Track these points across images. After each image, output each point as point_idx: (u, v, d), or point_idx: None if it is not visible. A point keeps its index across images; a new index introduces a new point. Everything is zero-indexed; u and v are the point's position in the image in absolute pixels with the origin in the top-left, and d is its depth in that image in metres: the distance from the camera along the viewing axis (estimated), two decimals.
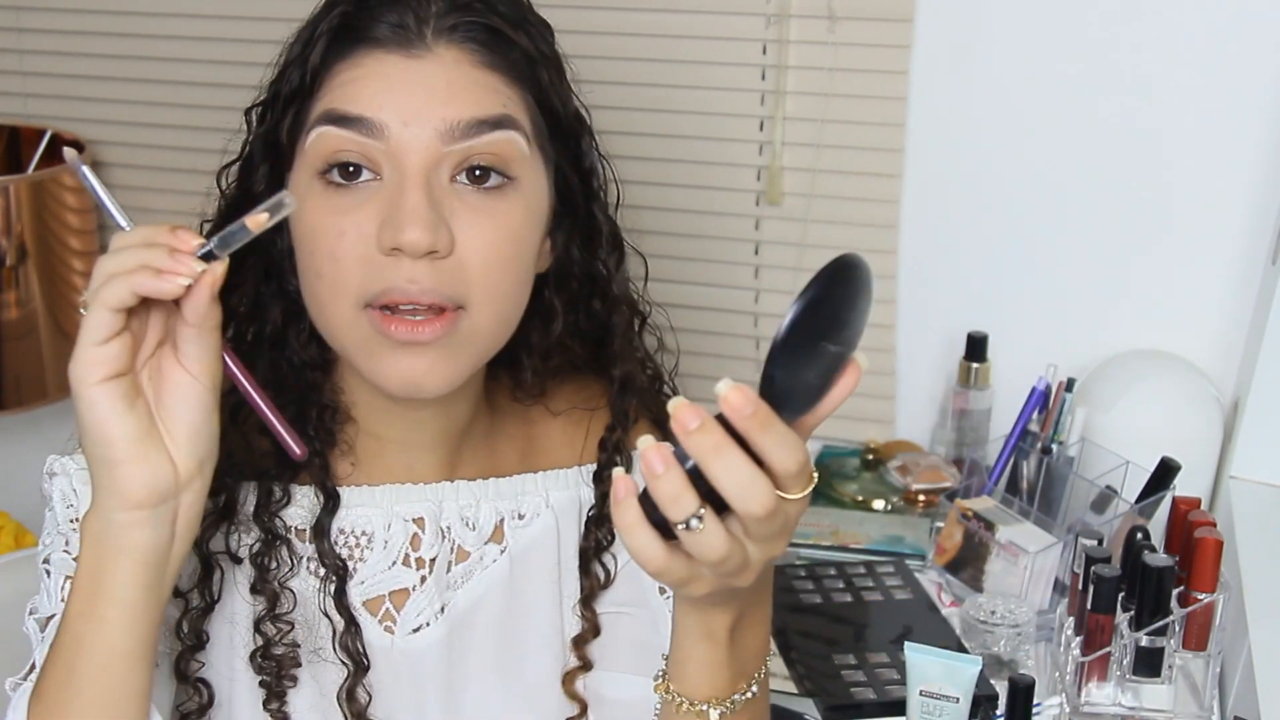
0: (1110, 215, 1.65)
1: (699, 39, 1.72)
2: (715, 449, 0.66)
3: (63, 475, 0.94)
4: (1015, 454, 1.55)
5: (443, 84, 0.88)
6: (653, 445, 0.67)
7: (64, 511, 0.93)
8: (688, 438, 0.66)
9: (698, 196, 1.78)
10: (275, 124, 0.92)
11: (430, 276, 0.86)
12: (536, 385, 1.04)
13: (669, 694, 0.84)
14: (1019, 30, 1.62)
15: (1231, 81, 1.56)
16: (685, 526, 0.67)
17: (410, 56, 0.88)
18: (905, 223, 1.72)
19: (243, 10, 1.87)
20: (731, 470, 0.66)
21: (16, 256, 1.82)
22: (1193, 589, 1.22)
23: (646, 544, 0.69)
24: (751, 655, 0.84)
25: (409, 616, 0.99)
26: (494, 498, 1.02)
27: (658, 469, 0.66)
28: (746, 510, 0.67)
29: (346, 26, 0.89)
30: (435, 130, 0.87)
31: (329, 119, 0.88)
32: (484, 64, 0.89)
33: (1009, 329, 1.70)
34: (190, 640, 0.94)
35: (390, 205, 0.86)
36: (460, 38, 0.89)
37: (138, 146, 2.01)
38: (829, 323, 0.67)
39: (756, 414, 0.66)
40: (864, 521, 1.61)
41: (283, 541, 0.95)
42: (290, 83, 0.91)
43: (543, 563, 1.04)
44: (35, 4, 2.00)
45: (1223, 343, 1.63)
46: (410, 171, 0.86)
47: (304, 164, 0.90)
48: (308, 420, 0.95)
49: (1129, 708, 1.23)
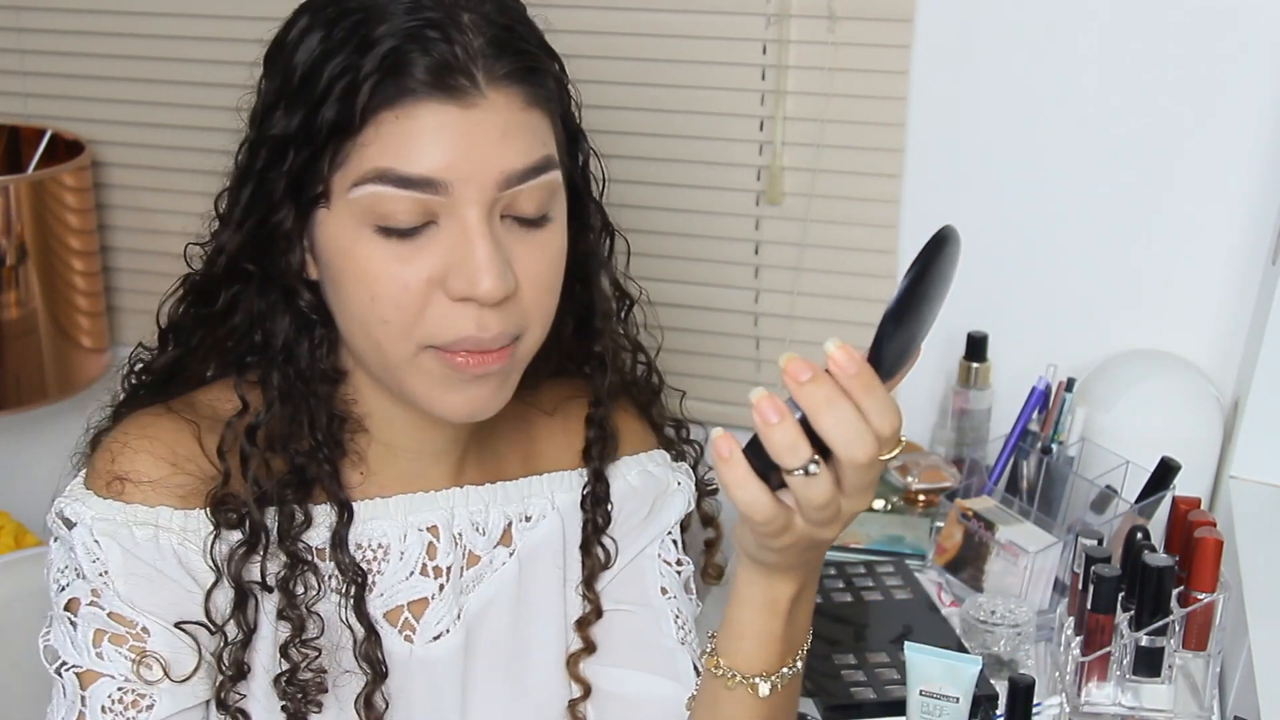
0: (1110, 215, 1.65)
1: (699, 39, 1.72)
2: (827, 399, 0.70)
3: (81, 526, 0.92)
4: (1015, 454, 1.55)
5: (497, 134, 0.87)
6: (765, 395, 0.70)
7: (90, 566, 0.91)
8: (800, 389, 0.70)
9: (698, 196, 1.78)
10: (309, 160, 0.88)
11: (500, 320, 0.89)
12: (531, 379, 1.04)
13: (719, 669, 0.86)
14: (1019, 30, 1.62)
15: (1231, 81, 1.56)
16: (804, 472, 0.71)
17: (466, 107, 0.86)
18: (905, 223, 1.72)
19: (243, 10, 1.87)
20: (842, 420, 0.70)
21: (16, 256, 1.82)
22: (1193, 589, 1.22)
23: (757, 495, 0.73)
24: (801, 630, 0.87)
25: (428, 625, 1.00)
26: (502, 502, 1.04)
27: (772, 418, 0.70)
28: (851, 458, 0.71)
29: (390, 71, 0.85)
30: (494, 181, 0.87)
31: (385, 179, 0.86)
32: (528, 103, 0.89)
33: (1009, 329, 1.70)
34: (231, 671, 0.94)
35: (455, 254, 0.87)
36: (509, 81, 0.88)
37: (138, 146, 2.01)
38: (931, 293, 0.72)
39: (860, 374, 0.70)
40: (864, 521, 1.61)
41: (309, 566, 0.95)
42: (325, 119, 0.86)
43: (549, 563, 1.05)
44: (35, 4, 2.00)
45: (1223, 343, 1.63)
46: (473, 222, 0.87)
47: (348, 210, 0.88)
48: (318, 430, 0.95)
49: (1129, 708, 1.23)
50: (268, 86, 0.92)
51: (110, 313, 2.07)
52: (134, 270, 2.08)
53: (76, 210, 1.90)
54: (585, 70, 0.97)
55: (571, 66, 0.95)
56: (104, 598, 0.90)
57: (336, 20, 0.88)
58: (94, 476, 0.94)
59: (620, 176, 1.03)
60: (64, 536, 0.93)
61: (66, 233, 1.89)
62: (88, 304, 1.95)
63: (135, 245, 2.06)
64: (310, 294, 0.94)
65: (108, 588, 0.90)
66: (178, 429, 0.95)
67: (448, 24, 0.86)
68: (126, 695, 0.90)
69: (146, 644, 0.90)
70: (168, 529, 0.92)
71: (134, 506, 0.92)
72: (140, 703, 0.90)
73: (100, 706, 0.90)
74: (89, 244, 1.94)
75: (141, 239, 2.05)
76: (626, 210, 1.75)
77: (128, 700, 0.90)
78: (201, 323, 0.98)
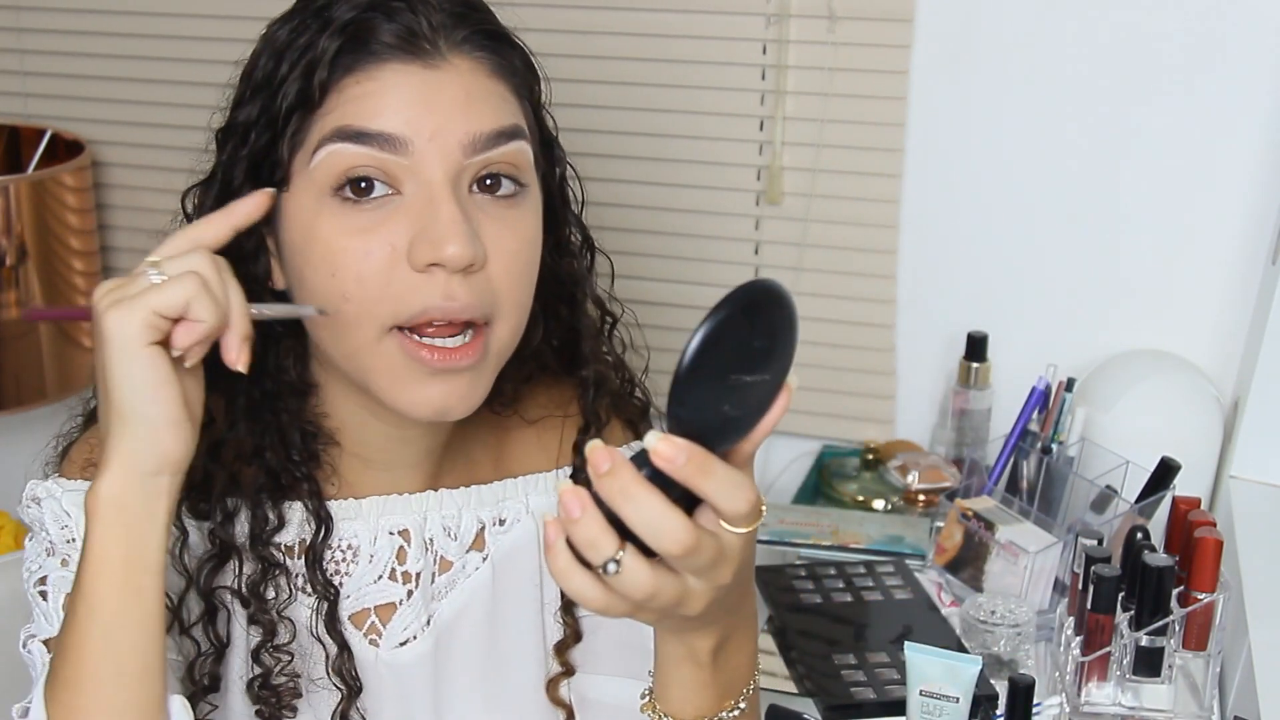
0: (1110, 215, 1.65)
1: (699, 39, 1.72)
2: (622, 492, 0.65)
3: (50, 499, 0.92)
4: (1015, 454, 1.54)
5: (462, 95, 0.86)
6: (569, 489, 0.66)
7: (59, 533, 0.90)
8: (599, 481, 0.65)
9: (698, 196, 1.78)
10: (270, 143, 0.88)
11: (467, 291, 0.85)
12: (511, 393, 1.03)
13: (655, 713, 0.83)
14: (1019, 30, 1.62)
15: (1231, 81, 1.56)
16: (604, 570, 0.66)
17: (428, 67, 0.86)
18: (905, 223, 1.73)
19: (243, 10, 1.86)
20: (640, 512, 0.65)
21: (16, 256, 1.82)
22: (1193, 589, 1.22)
23: (583, 586, 0.67)
24: (738, 674, 0.83)
25: (395, 631, 0.98)
26: (475, 506, 1.01)
27: (574, 513, 0.66)
28: (662, 550, 0.66)
29: (352, 38, 0.85)
30: (459, 143, 0.85)
31: (343, 136, 0.85)
32: (494, 73, 0.89)
33: (1009, 329, 1.70)
34: (205, 683, 0.93)
35: (421, 220, 0.84)
36: (471, 47, 0.88)
37: (138, 146, 2.01)
38: (736, 354, 0.65)
39: (691, 461, 0.64)
40: (864, 521, 1.61)
41: (280, 570, 0.94)
42: (286, 97, 0.86)
43: (524, 568, 1.03)
44: (35, 4, 2.00)
45: (1223, 343, 1.63)
46: (438, 185, 0.85)
47: (309, 184, 0.86)
48: (291, 445, 0.93)
49: (1129, 708, 1.23)
50: (237, 89, 0.92)
51: None
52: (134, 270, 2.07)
53: (76, 210, 1.90)
54: (585, 70, 0.97)
55: (571, 67, 0.95)
56: (73, 562, 0.88)
57: (300, 10, 0.89)
58: (67, 465, 0.94)
59: (620, 177, 1.03)
60: (34, 517, 0.92)
61: (66, 233, 1.89)
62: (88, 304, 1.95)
63: (135, 245, 2.06)
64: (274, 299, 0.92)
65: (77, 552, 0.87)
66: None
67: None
68: None
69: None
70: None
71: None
72: None
73: None
74: (89, 244, 1.94)
75: (141, 239, 2.03)
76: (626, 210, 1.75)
77: None
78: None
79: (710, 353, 0.64)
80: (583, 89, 0.96)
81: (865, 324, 1.77)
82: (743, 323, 0.65)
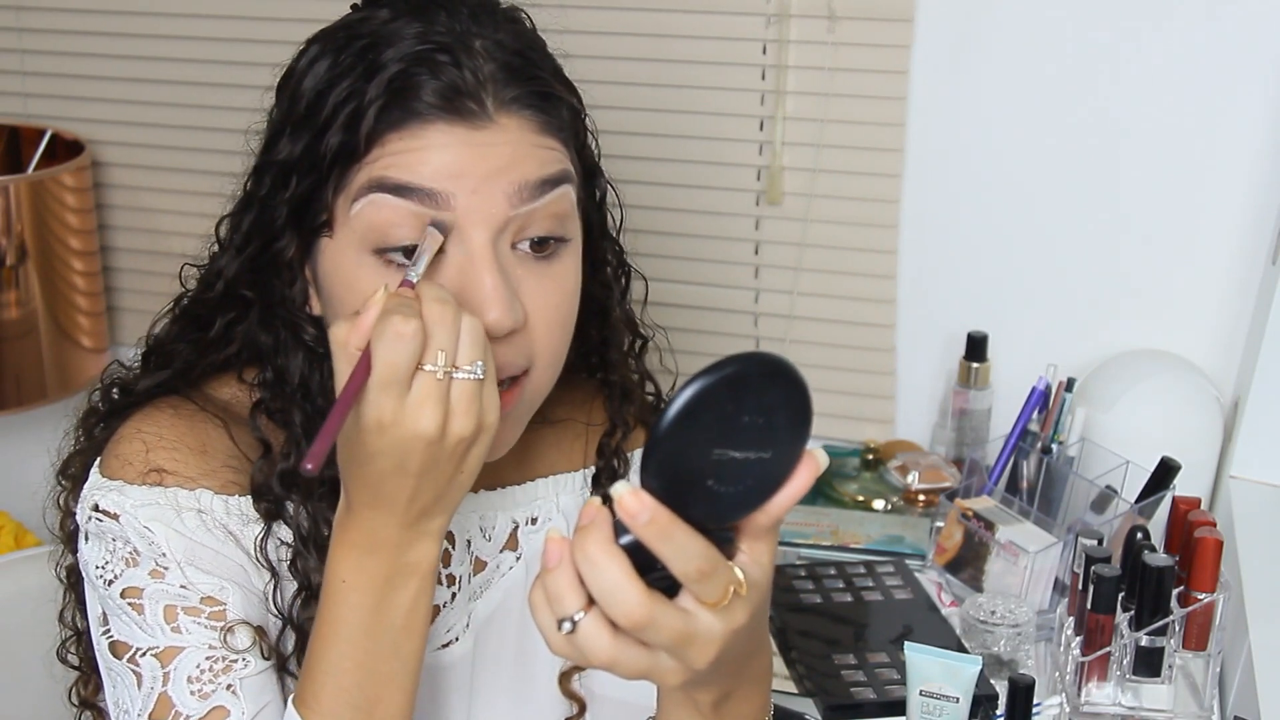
0: (1110, 215, 1.65)
1: (699, 39, 1.72)
2: (585, 556, 0.64)
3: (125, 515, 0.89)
4: (1015, 454, 1.54)
5: (508, 154, 0.84)
6: (555, 538, 0.66)
7: (148, 549, 0.89)
8: (574, 536, 0.65)
9: (698, 196, 1.78)
10: (312, 189, 0.87)
11: (506, 352, 0.85)
12: None
13: None
14: (1019, 30, 1.62)
15: (1231, 81, 1.56)
16: (559, 627, 0.65)
17: (475, 128, 0.83)
18: (905, 223, 1.72)
19: (243, 10, 1.87)
20: (597, 578, 0.64)
21: (16, 256, 1.82)
22: (1193, 589, 1.22)
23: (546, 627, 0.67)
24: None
25: (439, 632, 1.00)
26: (509, 507, 1.04)
27: (550, 563, 0.65)
28: (614, 619, 0.64)
29: (397, 93, 0.83)
30: (504, 194, 0.84)
31: (384, 187, 0.83)
32: (541, 131, 0.87)
33: (1009, 329, 1.70)
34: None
35: (460, 282, 0.84)
36: (520, 106, 0.86)
37: (138, 146, 2.01)
38: (720, 428, 0.61)
39: (654, 522, 0.62)
40: (864, 521, 1.61)
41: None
42: (330, 148, 0.85)
43: None
44: (35, 4, 2.00)
45: (1223, 343, 1.63)
46: (478, 247, 0.84)
47: (349, 232, 0.86)
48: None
49: (1129, 708, 1.23)
50: (276, 113, 0.91)
51: (110, 313, 2.07)
52: (134, 270, 2.07)
53: (76, 210, 1.90)
54: (585, 70, 0.97)
55: (571, 66, 0.95)
56: (169, 575, 0.88)
57: (345, 46, 0.87)
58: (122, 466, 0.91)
59: (620, 176, 1.03)
60: (104, 529, 0.90)
61: (66, 233, 1.89)
62: (87, 304, 1.95)
63: (135, 245, 2.06)
64: (314, 329, 0.92)
65: (170, 565, 0.88)
66: (207, 421, 0.93)
67: (458, 48, 0.84)
68: (216, 663, 0.87)
69: (226, 608, 0.89)
70: (209, 512, 0.90)
71: (173, 490, 0.90)
72: (233, 668, 0.88)
73: (186, 677, 0.87)
74: (89, 244, 1.94)
75: (141, 239, 2.05)
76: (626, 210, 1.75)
77: (218, 667, 0.87)
78: (193, 347, 0.96)
79: (685, 423, 0.61)
80: (583, 89, 0.96)
81: (865, 324, 1.77)
82: (726, 396, 0.61)
